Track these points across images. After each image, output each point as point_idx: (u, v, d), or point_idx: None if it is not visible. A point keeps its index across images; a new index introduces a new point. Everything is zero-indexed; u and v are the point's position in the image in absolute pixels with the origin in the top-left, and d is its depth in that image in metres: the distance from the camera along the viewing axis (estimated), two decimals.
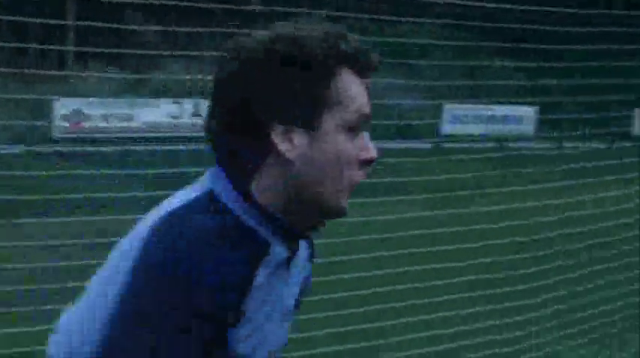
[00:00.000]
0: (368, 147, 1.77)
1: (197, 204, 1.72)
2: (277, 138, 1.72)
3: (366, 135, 1.78)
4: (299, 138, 1.72)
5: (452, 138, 19.73)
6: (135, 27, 20.89)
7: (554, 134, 11.44)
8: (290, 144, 1.72)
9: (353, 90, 1.75)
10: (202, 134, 1.80)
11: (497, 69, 15.57)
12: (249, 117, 1.72)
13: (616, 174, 8.30)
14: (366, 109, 1.76)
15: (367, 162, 1.77)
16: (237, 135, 1.74)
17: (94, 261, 2.24)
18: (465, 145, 14.52)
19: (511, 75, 13.88)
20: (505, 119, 24.31)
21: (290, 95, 1.71)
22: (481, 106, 23.62)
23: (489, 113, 24.64)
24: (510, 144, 14.46)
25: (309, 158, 1.73)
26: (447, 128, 22.17)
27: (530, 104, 20.07)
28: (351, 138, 1.74)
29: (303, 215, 1.78)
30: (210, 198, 1.73)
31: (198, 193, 1.74)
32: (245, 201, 1.74)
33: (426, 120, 16.08)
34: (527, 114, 23.18)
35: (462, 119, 24.07)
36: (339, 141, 1.73)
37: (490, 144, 15.08)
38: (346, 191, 1.76)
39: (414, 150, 9.59)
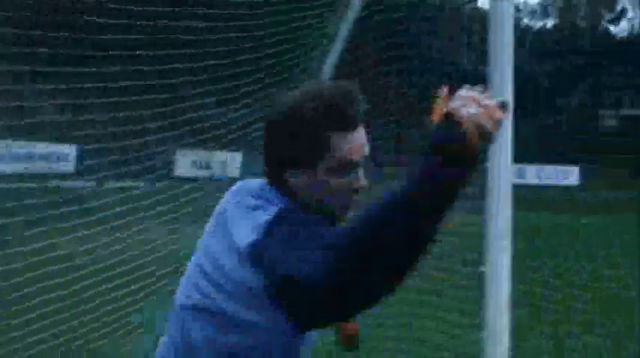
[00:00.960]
0: (358, 179, 2.62)
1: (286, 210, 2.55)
2: (287, 176, 2.63)
3: (360, 170, 2.62)
4: (300, 177, 2.61)
5: None
6: None
7: (96, 173, 10.28)
8: (295, 180, 2.62)
9: (339, 144, 2.58)
10: None
11: (36, 107, 13.50)
12: (276, 161, 2.66)
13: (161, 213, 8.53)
14: (351, 157, 2.60)
15: (356, 190, 2.64)
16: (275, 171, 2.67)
17: None
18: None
19: (52, 111, 11.76)
20: (47, 157, 23.49)
21: (294, 152, 2.60)
22: (20, 143, 21.40)
23: (28, 150, 22.88)
24: (52, 183, 14.35)
25: (309, 188, 2.62)
26: None
27: (71, 142, 19.34)
28: (342, 175, 2.60)
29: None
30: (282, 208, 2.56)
31: (276, 207, 2.55)
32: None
33: None
34: (68, 152, 22.98)
35: None
36: (327, 180, 2.60)
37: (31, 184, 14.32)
38: (342, 210, 2.63)
39: None
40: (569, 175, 48.59)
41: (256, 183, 2.73)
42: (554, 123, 54.51)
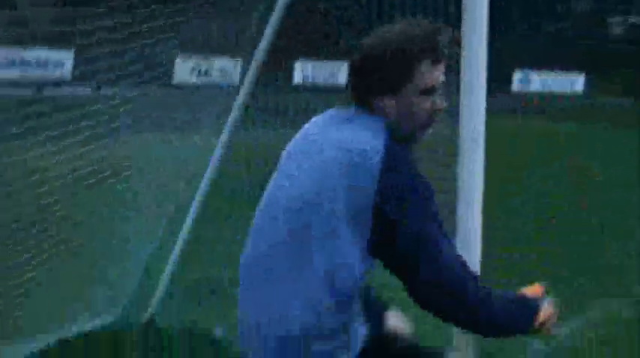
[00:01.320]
0: (437, 101, 2.94)
1: (395, 134, 2.89)
2: (377, 100, 2.94)
3: (440, 94, 2.95)
4: (389, 100, 2.93)
5: None
6: None
7: (92, 78, 9.26)
8: (384, 103, 2.93)
9: (424, 72, 2.90)
10: None
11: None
12: (367, 88, 2.95)
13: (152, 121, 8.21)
14: (432, 83, 2.92)
15: (437, 111, 2.96)
16: (368, 96, 2.96)
17: None
18: None
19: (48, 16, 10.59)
20: (42, 63, 23.07)
21: (383, 78, 2.92)
22: (15, 49, 21.47)
23: (24, 56, 22.71)
24: (48, 89, 14.65)
25: (397, 111, 2.93)
26: None
27: (67, 47, 18.40)
28: (425, 98, 2.92)
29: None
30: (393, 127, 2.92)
31: (380, 129, 2.88)
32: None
33: None
34: (65, 58, 21.93)
35: None
36: (413, 101, 2.92)
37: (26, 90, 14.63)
38: (422, 129, 2.96)
39: None
40: (575, 83, 48.09)
41: (345, 109, 3.01)
42: (559, 30, 53.74)
